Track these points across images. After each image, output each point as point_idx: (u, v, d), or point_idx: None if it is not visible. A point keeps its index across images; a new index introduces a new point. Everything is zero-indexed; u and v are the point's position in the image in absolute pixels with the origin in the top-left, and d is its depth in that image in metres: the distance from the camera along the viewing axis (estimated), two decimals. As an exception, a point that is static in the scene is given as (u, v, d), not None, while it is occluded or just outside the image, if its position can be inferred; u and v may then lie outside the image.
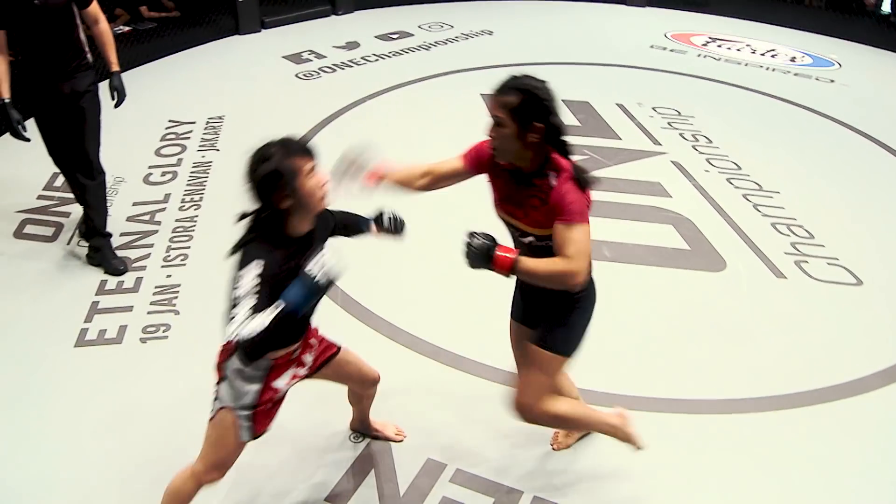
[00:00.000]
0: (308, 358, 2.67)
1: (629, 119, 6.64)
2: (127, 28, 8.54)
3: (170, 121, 6.46)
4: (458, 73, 7.63)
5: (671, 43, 9.12)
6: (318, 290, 2.17)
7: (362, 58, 8.27)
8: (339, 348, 2.83)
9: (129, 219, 5.01)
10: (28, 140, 4.19)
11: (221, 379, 2.54)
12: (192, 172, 5.64)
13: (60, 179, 5.44)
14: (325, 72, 7.84)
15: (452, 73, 7.64)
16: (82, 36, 4.26)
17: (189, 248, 4.71)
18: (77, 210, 4.93)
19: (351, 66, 7.99)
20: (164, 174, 5.58)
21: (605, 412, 2.95)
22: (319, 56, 8.34)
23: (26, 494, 3.05)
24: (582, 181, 2.47)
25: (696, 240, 4.84)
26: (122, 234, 4.80)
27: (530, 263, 2.42)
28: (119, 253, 4.58)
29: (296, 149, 2.32)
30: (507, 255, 2.42)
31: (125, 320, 4.07)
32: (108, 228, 4.59)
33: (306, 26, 9.60)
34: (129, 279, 4.40)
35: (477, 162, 2.69)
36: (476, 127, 6.24)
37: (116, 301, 4.22)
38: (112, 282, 4.38)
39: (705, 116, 6.80)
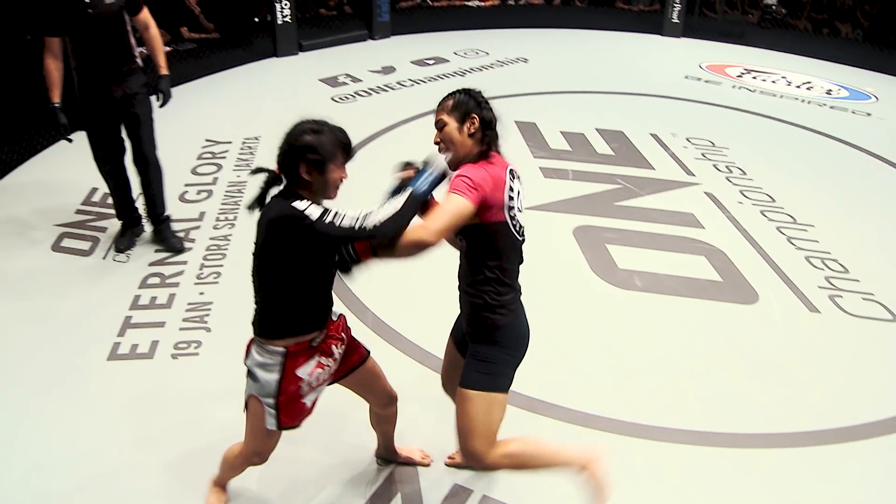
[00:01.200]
0: (336, 350, 2.67)
1: (663, 149, 6.61)
2: (167, 48, 8.66)
3: (206, 140, 6.53)
4: (493, 100, 7.58)
5: (706, 74, 9.09)
6: (439, 178, 2.45)
7: (398, 82, 8.33)
8: (368, 354, 2.85)
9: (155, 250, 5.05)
10: (70, 141, 4.48)
11: (248, 374, 2.61)
12: (227, 192, 5.69)
13: (99, 195, 5.52)
14: (360, 95, 7.90)
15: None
16: (132, 40, 4.47)
17: (222, 266, 4.73)
18: (113, 225, 5.00)
19: (386, 91, 8.05)
20: (199, 192, 5.63)
21: (572, 446, 2.70)
22: (355, 80, 8.41)
23: (54, 506, 3.07)
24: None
25: (729, 272, 4.79)
26: (156, 251, 4.85)
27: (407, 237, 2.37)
28: (153, 269, 4.63)
29: (342, 139, 2.44)
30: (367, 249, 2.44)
31: (157, 336, 4.09)
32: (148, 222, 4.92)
33: (343, 50, 9.70)
34: (161, 295, 4.43)
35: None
36: (510, 154, 6.26)
37: (149, 316, 4.24)
38: (145, 297, 4.41)
39: (739, 148, 6.75)
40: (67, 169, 6.10)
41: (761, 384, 3.84)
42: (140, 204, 4.94)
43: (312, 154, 2.40)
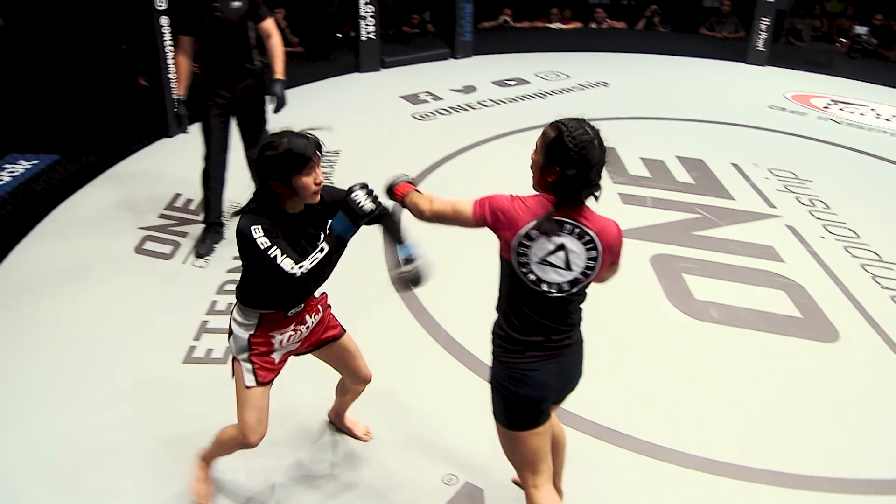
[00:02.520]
0: (309, 319, 2.89)
1: (744, 179, 6.48)
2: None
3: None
4: (572, 123, 7.58)
5: (790, 104, 8.89)
6: (358, 217, 2.55)
7: (478, 102, 8.36)
8: (343, 332, 3.06)
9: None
10: (185, 132, 4.99)
11: (230, 334, 2.84)
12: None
13: (181, 201, 5.67)
14: (441, 114, 7.95)
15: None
16: (253, 46, 4.89)
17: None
18: (193, 231, 5.13)
19: (467, 110, 8.09)
20: (280, 204, 5.71)
21: None
22: (436, 98, 8.48)
23: (130, 499, 3.14)
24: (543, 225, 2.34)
25: (809, 308, 4.65)
26: (234, 258, 4.93)
27: (415, 196, 2.64)
28: (230, 276, 4.75)
29: (299, 150, 2.55)
30: (407, 187, 2.64)
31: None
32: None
33: (425, 68, 9.79)
34: (222, 301, 4.51)
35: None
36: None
37: (225, 322, 4.26)
38: (222, 303, 4.50)
39: (823, 181, 6.57)
40: (152, 174, 6.29)
41: (839, 426, 3.71)
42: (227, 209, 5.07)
43: (274, 169, 2.55)
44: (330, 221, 2.60)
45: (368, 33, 9.38)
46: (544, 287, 2.36)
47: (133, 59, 8.21)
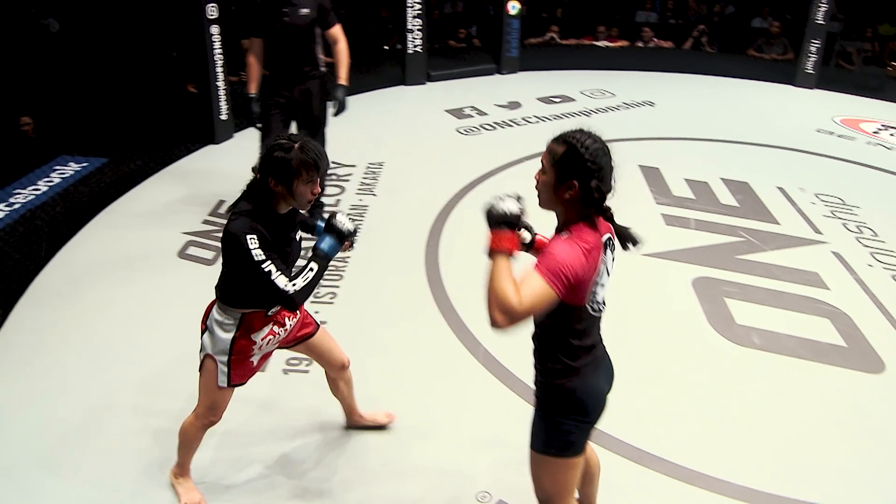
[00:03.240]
0: (288, 322, 2.99)
1: (790, 204, 6.39)
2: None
3: (332, 162, 6.68)
4: (617, 143, 7.44)
5: (839, 128, 8.76)
6: (343, 237, 2.76)
7: (523, 118, 8.36)
8: (317, 327, 3.19)
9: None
10: (261, 129, 5.12)
11: (204, 330, 2.91)
12: (348, 215, 5.78)
13: (226, 206, 5.72)
14: (485, 129, 7.96)
15: (611, 142, 7.48)
16: (319, 50, 5.15)
17: (339, 287, 4.82)
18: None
19: (511, 126, 8.08)
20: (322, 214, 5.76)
21: None
22: (481, 113, 8.49)
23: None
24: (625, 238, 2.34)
25: (854, 337, 4.56)
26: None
27: (504, 270, 2.14)
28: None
29: (308, 158, 2.63)
30: (503, 241, 2.19)
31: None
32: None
33: (470, 82, 9.82)
34: (279, 311, 4.54)
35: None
36: (632, 199, 6.18)
37: (266, 331, 4.34)
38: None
39: (872, 207, 6.45)
40: (198, 180, 6.37)
41: (882, 460, 3.63)
42: None
43: (279, 169, 2.63)
44: (315, 244, 2.75)
45: (415, 46, 9.44)
46: (599, 308, 2.39)
47: (182, 67, 8.34)
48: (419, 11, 9.31)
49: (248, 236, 2.61)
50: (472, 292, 4.72)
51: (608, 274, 2.38)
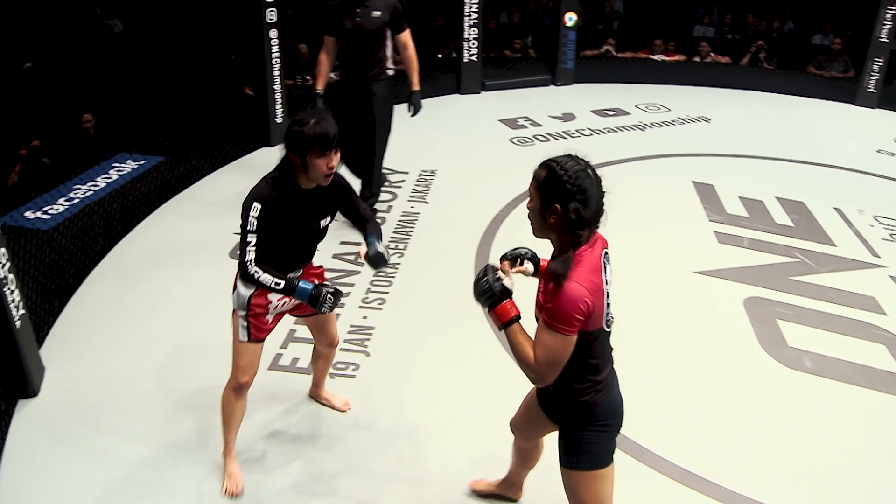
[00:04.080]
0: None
1: (847, 225, 6.26)
2: (336, 77, 9.01)
3: (385, 168, 6.71)
4: (671, 158, 7.51)
5: (901, 150, 8.57)
6: (317, 303, 2.92)
7: (577, 130, 8.33)
8: None
9: (335, 256, 5.23)
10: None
11: (234, 288, 3.14)
12: (399, 221, 5.84)
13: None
14: (538, 139, 7.95)
15: (665, 157, 7.53)
16: (387, 53, 5.33)
17: (388, 293, 4.84)
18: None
19: (565, 138, 8.06)
20: (373, 219, 5.79)
21: None
22: (535, 124, 8.48)
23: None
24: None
25: (910, 365, 4.46)
26: (326, 270, 5.00)
27: (518, 336, 2.30)
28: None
29: (320, 131, 2.78)
30: (509, 311, 2.34)
31: (319, 354, 4.23)
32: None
33: (525, 93, 9.80)
34: (328, 315, 4.58)
35: None
36: (685, 215, 6.12)
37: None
38: (311, 314, 4.58)
39: (933, 233, 6.31)
40: (251, 181, 6.44)
41: (937, 493, 3.54)
42: None
43: (295, 142, 2.81)
44: (301, 283, 2.92)
45: (471, 56, 9.46)
46: (611, 323, 2.40)
47: (240, 69, 8.47)
48: (476, 21, 9.34)
49: (255, 203, 2.85)
50: (521, 305, 4.73)
51: (611, 289, 2.36)
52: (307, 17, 5.30)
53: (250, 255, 2.87)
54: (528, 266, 2.64)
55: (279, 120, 7.32)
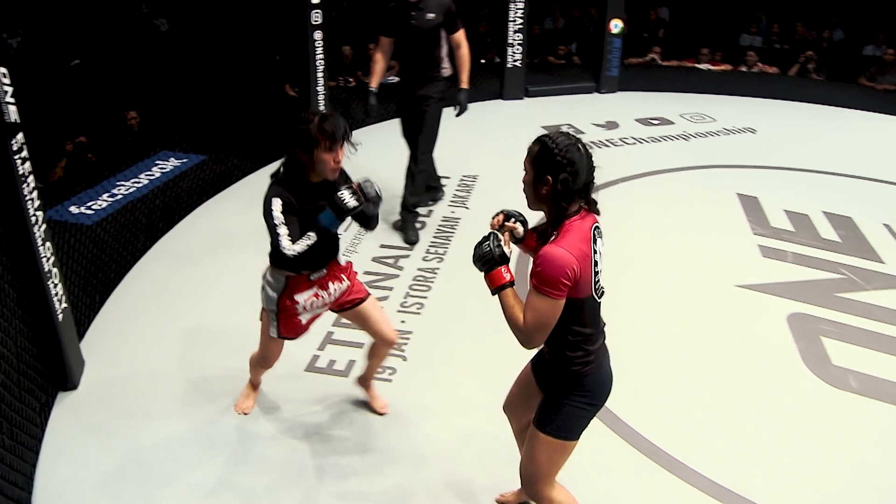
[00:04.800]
0: (332, 286, 3.32)
1: (896, 242, 6.16)
2: (397, 79, 9.06)
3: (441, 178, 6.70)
4: (715, 169, 7.44)
5: (954, 167, 8.40)
6: (343, 213, 2.97)
7: (620, 139, 8.29)
8: (367, 296, 3.45)
9: (375, 259, 5.27)
10: (373, 117, 6.18)
11: (262, 288, 3.30)
12: (440, 226, 5.85)
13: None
14: (580, 147, 7.90)
15: (709, 168, 7.46)
16: (443, 53, 5.50)
17: (426, 298, 4.85)
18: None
19: (608, 146, 8.03)
20: (414, 223, 5.80)
21: None
22: (578, 131, 8.43)
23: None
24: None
25: (960, 388, 4.37)
26: (365, 273, 5.04)
27: (510, 300, 2.49)
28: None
29: (326, 128, 2.93)
30: (503, 276, 2.52)
31: (355, 355, 4.25)
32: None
33: (568, 100, 9.78)
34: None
35: None
36: (728, 228, 6.04)
37: (350, 335, 4.41)
38: (349, 317, 4.60)
39: None
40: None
41: None
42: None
43: (301, 140, 2.96)
44: (318, 215, 3.00)
45: (515, 61, 9.46)
46: (601, 292, 2.53)
47: (284, 70, 8.54)
48: (520, 26, 9.34)
49: (274, 199, 3.00)
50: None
51: (601, 257, 2.50)
52: (351, 20, 5.43)
53: (284, 240, 2.97)
54: (519, 227, 2.75)
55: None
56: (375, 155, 5.99)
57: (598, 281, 2.48)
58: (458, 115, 5.61)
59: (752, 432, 3.84)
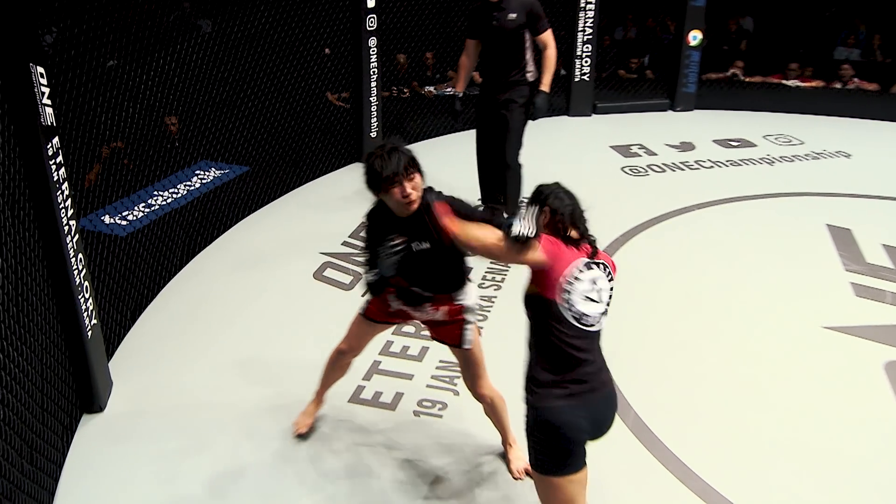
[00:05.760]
0: (425, 309, 3.46)
1: None
2: (443, 91, 9.14)
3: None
4: (803, 197, 7.29)
5: None
6: (386, 269, 3.24)
7: (696, 161, 8.20)
8: (459, 345, 3.51)
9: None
10: (458, 122, 6.33)
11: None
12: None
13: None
14: (653, 170, 7.87)
15: (795, 196, 7.32)
16: (528, 56, 5.69)
17: (482, 327, 4.82)
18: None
19: (682, 169, 7.96)
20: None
21: None
22: (650, 152, 8.40)
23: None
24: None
25: None
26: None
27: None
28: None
29: (379, 171, 3.03)
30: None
31: (403, 387, 4.25)
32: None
33: (639, 118, 9.73)
34: (414, 347, 4.60)
35: None
36: (817, 262, 5.90)
37: (398, 366, 4.41)
38: (397, 345, 4.59)
39: None
40: (341, 199, 6.55)
41: None
42: None
43: (367, 183, 3.12)
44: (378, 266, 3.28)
45: (583, 74, 9.44)
46: (585, 321, 2.70)
47: (333, 78, 8.60)
48: (590, 36, 9.32)
49: (365, 218, 3.34)
50: (625, 346, 4.66)
51: (598, 293, 2.74)
52: (469, 15, 5.74)
53: (363, 269, 3.40)
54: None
55: (373, 135, 7.41)
56: (446, 166, 6.07)
57: (573, 299, 2.68)
58: (532, 118, 5.74)
59: (844, 489, 3.72)
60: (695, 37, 9.86)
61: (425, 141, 8.43)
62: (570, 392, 2.70)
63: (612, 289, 2.79)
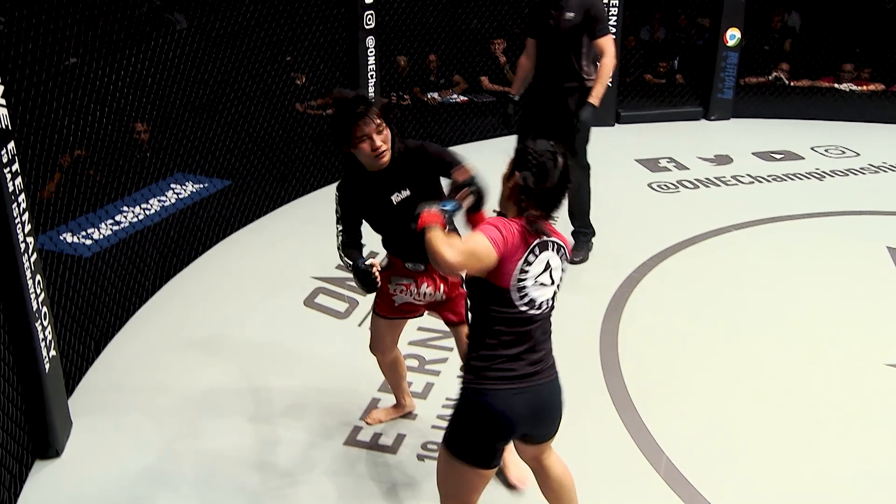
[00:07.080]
0: (424, 289, 3.72)
1: None
2: (463, 98, 9.12)
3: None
4: (859, 216, 7.24)
5: None
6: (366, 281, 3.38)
7: (733, 177, 8.17)
8: (462, 323, 3.72)
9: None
10: (512, 129, 6.19)
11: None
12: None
13: (365, 251, 5.81)
14: (684, 186, 7.85)
15: (850, 215, 7.27)
16: (583, 61, 5.71)
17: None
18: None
19: (717, 185, 7.93)
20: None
21: None
22: (680, 166, 8.39)
23: None
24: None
25: None
26: (418, 328, 4.99)
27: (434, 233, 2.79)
28: (413, 350, 4.84)
29: (346, 121, 3.26)
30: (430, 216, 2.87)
31: (405, 429, 4.22)
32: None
33: (668, 128, 9.73)
34: (418, 382, 4.57)
35: None
36: (877, 290, 5.86)
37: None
38: (399, 381, 4.55)
39: None
40: (334, 217, 6.49)
41: None
42: None
43: (334, 139, 3.37)
44: (356, 259, 3.45)
45: (607, 80, 9.42)
46: (536, 307, 2.84)
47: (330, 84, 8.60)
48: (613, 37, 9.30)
49: (335, 194, 3.61)
50: (655, 385, 4.60)
51: (550, 274, 2.85)
52: (529, 12, 5.87)
53: (338, 241, 3.61)
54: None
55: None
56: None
57: (526, 287, 2.79)
58: (577, 129, 5.76)
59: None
60: (732, 35, 9.84)
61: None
62: (514, 375, 2.84)
63: (563, 269, 2.92)
